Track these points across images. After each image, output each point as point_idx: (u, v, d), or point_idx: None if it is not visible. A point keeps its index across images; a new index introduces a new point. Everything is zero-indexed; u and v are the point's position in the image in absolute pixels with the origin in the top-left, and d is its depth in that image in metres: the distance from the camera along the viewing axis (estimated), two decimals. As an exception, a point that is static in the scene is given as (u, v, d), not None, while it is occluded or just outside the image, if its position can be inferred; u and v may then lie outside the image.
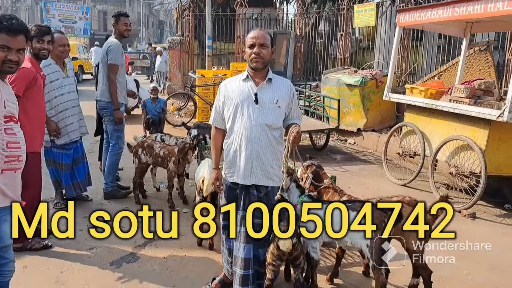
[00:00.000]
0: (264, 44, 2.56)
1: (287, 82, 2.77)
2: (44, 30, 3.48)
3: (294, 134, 2.57)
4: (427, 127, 5.32)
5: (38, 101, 3.32)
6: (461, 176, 4.77)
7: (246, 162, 2.60)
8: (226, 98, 2.67)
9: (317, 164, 3.16)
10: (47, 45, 3.46)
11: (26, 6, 40.28)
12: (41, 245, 3.39)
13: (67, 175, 4.18)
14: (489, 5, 4.22)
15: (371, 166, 6.50)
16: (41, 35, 3.41)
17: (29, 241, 3.35)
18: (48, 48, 3.48)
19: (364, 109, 7.72)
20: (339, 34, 10.26)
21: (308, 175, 3.04)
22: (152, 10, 47.00)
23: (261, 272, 2.70)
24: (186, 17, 12.53)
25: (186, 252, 3.48)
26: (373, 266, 2.69)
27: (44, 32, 3.46)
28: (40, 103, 3.37)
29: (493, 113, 4.22)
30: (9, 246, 2.25)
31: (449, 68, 6.92)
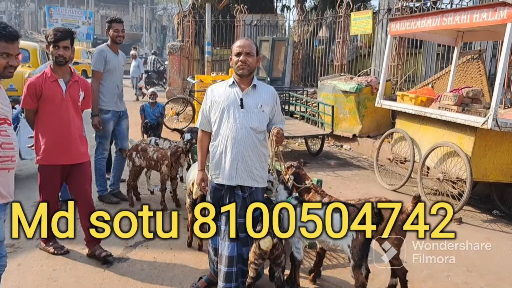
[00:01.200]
0: (250, 53, 2.73)
1: (270, 89, 2.91)
2: (59, 35, 3.20)
3: (274, 133, 2.73)
4: (417, 133, 5.43)
5: (54, 112, 3.20)
6: (448, 181, 4.87)
7: (231, 163, 2.73)
8: (213, 102, 2.81)
9: (296, 165, 3.26)
10: (62, 51, 3.18)
11: (30, 10, 40.75)
12: (63, 251, 3.47)
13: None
14: (474, 15, 4.35)
15: (364, 172, 6.60)
16: (56, 41, 3.17)
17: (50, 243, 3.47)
18: (64, 55, 3.19)
19: (360, 115, 7.83)
20: (337, 41, 10.40)
21: (289, 177, 3.15)
22: (155, 15, 47.42)
23: (245, 270, 2.81)
24: (186, 23, 12.71)
25: (175, 253, 3.59)
26: (353, 266, 2.78)
27: (59, 37, 3.19)
28: (58, 114, 3.21)
29: (478, 121, 4.32)
30: (2, 243, 2.37)
31: (442, 76, 7.04)
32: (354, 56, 11.83)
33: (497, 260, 3.77)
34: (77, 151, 3.32)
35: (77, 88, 3.33)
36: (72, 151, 3.28)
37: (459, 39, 5.88)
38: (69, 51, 3.23)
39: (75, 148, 3.30)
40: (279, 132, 2.74)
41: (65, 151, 3.25)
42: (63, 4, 37.96)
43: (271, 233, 2.65)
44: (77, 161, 3.33)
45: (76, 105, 3.32)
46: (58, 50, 3.17)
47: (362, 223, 2.63)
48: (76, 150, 3.31)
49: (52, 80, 3.20)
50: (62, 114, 3.22)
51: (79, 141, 3.34)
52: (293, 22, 12.82)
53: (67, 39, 3.21)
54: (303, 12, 12.08)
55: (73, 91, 3.29)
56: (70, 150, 3.27)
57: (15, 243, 3.57)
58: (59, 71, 3.24)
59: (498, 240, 4.18)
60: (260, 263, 2.74)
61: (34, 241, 3.65)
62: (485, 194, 5.44)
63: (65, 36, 3.21)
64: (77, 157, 3.33)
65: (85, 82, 3.48)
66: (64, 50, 3.19)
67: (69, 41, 3.22)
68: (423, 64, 9.78)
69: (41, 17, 39.00)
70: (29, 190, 4.91)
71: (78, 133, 3.34)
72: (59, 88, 3.22)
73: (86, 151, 3.44)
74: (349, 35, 10.32)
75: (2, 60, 2.20)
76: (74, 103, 3.30)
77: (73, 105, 3.29)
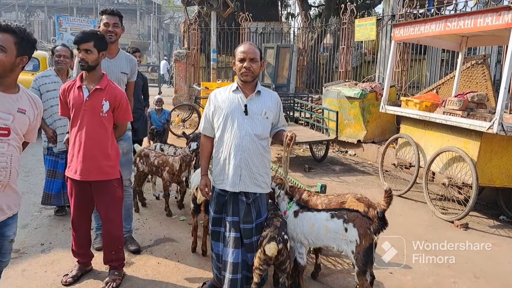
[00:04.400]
0: (254, 59, 2.71)
1: (274, 94, 2.90)
2: (80, 37, 2.89)
3: (289, 137, 2.70)
4: (422, 138, 5.41)
5: (74, 121, 2.95)
6: (454, 187, 4.83)
7: (235, 170, 2.71)
8: (216, 107, 2.80)
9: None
10: (83, 55, 2.86)
11: (39, 20, 41.34)
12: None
13: (58, 183, 4.24)
14: (478, 20, 4.35)
15: (369, 177, 6.57)
16: (76, 43, 2.88)
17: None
18: (85, 58, 2.86)
19: (364, 121, 7.82)
20: (341, 48, 10.43)
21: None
22: (162, 24, 47.88)
23: (250, 277, 2.78)
24: (192, 31, 12.82)
25: (179, 258, 3.58)
26: (358, 272, 2.76)
27: (79, 39, 2.88)
28: (77, 124, 2.93)
29: (484, 125, 4.29)
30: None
31: (447, 81, 7.03)
32: (358, 63, 11.87)
33: (505, 266, 3.73)
34: (94, 167, 2.93)
35: (99, 97, 2.91)
36: (87, 167, 2.92)
37: (463, 44, 5.87)
38: (93, 55, 2.87)
39: (92, 164, 2.93)
40: (293, 137, 2.71)
41: (79, 165, 2.92)
42: (72, 14, 38.53)
43: (277, 239, 2.64)
44: (92, 178, 2.95)
45: (98, 115, 2.91)
46: (80, 53, 2.87)
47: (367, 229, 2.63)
48: (93, 166, 2.93)
49: (77, 86, 2.93)
50: (80, 125, 2.91)
51: (100, 156, 2.94)
52: (298, 29, 12.88)
53: (89, 41, 2.86)
54: (307, 20, 12.15)
55: (94, 100, 2.90)
56: (85, 165, 2.92)
57: (20, 248, 3.60)
58: (87, 77, 2.95)
59: (505, 246, 4.13)
60: (265, 268, 2.73)
61: (39, 246, 3.69)
62: (492, 200, 5.39)
63: (87, 38, 2.87)
64: (93, 174, 2.94)
65: (114, 91, 2.99)
66: (86, 54, 2.86)
67: (92, 44, 2.86)
68: (428, 70, 9.77)
69: (50, 26, 39.55)
70: (35, 195, 4.96)
71: (99, 148, 2.94)
72: (81, 95, 2.90)
73: (110, 170, 3.00)
74: (353, 41, 10.36)
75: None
76: (95, 114, 2.90)
77: (94, 115, 2.90)
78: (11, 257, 3.37)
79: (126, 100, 3.07)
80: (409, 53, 9.00)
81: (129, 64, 3.57)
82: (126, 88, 3.47)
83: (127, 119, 3.13)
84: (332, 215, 2.83)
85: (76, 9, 40.57)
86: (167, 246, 3.81)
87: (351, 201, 3.11)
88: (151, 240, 3.90)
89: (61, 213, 4.41)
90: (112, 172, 3.03)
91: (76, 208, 3.09)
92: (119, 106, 3.00)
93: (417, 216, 4.82)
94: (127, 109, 3.08)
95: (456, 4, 7.76)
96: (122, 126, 3.16)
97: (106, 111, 2.93)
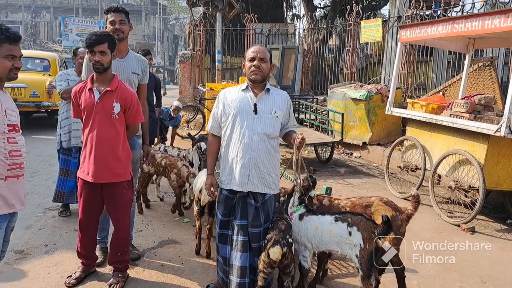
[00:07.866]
0: (264, 59, 2.71)
1: (284, 93, 2.88)
2: (93, 39, 2.84)
3: (299, 139, 2.66)
4: (428, 141, 5.36)
5: (86, 123, 2.94)
6: (460, 190, 4.78)
7: (243, 169, 2.69)
8: (226, 106, 2.78)
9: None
10: (99, 57, 2.81)
11: (45, 21, 41.66)
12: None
13: (71, 182, 4.27)
14: (486, 22, 4.29)
15: (374, 180, 6.53)
16: (90, 46, 2.83)
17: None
18: (101, 61, 2.82)
19: (370, 123, 7.78)
20: (346, 49, 10.39)
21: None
22: (167, 25, 48.07)
23: (256, 281, 2.76)
24: (197, 32, 12.83)
25: (183, 260, 3.57)
26: (362, 277, 2.72)
27: (93, 42, 2.83)
28: (88, 125, 2.91)
29: (491, 128, 4.24)
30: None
31: (454, 83, 6.98)
32: (364, 64, 11.82)
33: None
34: (105, 168, 2.91)
35: (110, 99, 2.89)
36: (98, 168, 2.90)
37: (471, 46, 5.82)
38: (108, 56, 2.85)
39: (103, 165, 2.91)
40: (304, 139, 2.68)
41: (91, 167, 2.91)
42: (78, 14, 38.81)
43: (281, 242, 2.62)
44: (104, 180, 2.93)
45: (109, 117, 2.89)
46: (94, 56, 2.83)
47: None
48: (104, 167, 2.91)
49: (89, 88, 2.92)
50: (92, 126, 2.90)
51: (111, 158, 2.92)
52: (303, 31, 12.86)
53: (103, 42, 2.83)
54: (313, 21, 12.11)
55: (105, 102, 2.88)
56: (96, 167, 2.90)
57: (23, 249, 3.60)
58: (98, 78, 2.93)
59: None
60: (269, 272, 2.70)
61: (43, 247, 3.68)
62: (499, 203, 5.32)
63: (101, 40, 2.84)
64: (104, 176, 2.92)
65: (125, 92, 2.96)
66: (101, 56, 2.82)
67: (106, 45, 2.83)
68: (434, 72, 9.71)
69: (56, 27, 39.86)
70: (39, 196, 4.97)
71: (110, 149, 2.91)
72: (92, 97, 2.89)
73: (120, 172, 2.98)
74: (359, 43, 10.32)
75: (7, 62, 2.19)
76: (106, 115, 2.88)
77: (106, 117, 2.89)
78: (15, 258, 3.41)
79: (137, 101, 3.04)
80: (415, 55, 8.94)
81: (140, 65, 3.40)
82: (137, 91, 3.34)
83: (138, 120, 3.10)
84: (336, 219, 2.80)
85: (82, 10, 40.85)
86: (171, 248, 3.80)
87: (377, 204, 3.04)
88: (154, 242, 3.89)
89: (65, 214, 4.42)
90: (123, 174, 3.01)
91: (84, 209, 3.07)
92: (130, 107, 2.97)
93: (423, 219, 4.78)
94: (138, 110, 3.04)
95: (463, 6, 7.70)
96: (134, 126, 3.14)
97: (117, 112, 2.91)
